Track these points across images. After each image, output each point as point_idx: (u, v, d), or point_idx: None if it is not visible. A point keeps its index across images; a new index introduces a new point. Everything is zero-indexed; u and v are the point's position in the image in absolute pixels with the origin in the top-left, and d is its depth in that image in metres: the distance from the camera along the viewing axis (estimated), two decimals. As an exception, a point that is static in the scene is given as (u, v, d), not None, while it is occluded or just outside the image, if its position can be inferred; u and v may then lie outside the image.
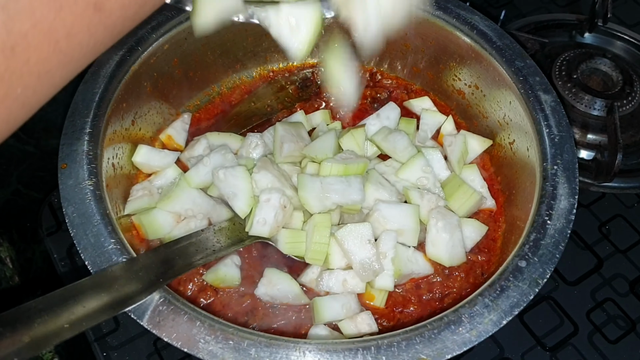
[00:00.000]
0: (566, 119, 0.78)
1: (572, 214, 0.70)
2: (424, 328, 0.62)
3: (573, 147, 0.76)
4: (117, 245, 0.66)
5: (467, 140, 0.90)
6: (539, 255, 0.67)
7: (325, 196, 0.77)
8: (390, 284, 0.75)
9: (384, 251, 0.76)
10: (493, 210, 0.87)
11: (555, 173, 0.73)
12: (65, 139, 0.74)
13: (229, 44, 0.95)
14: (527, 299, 0.64)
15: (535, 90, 0.80)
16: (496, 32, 0.86)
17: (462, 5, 0.89)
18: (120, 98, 0.81)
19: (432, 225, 0.79)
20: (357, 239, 0.75)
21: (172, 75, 0.91)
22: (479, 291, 0.65)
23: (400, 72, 1.02)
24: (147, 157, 0.86)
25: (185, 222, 0.80)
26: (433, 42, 0.93)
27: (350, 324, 0.73)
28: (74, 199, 0.69)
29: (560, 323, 0.87)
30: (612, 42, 1.16)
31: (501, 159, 0.90)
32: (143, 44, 0.83)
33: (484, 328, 0.62)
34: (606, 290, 0.91)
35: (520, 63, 0.83)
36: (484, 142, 0.91)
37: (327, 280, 0.76)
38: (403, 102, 0.99)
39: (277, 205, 0.76)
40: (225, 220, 0.80)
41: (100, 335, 0.83)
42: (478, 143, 0.91)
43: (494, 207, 0.87)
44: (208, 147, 0.88)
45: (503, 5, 1.26)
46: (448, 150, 0.89)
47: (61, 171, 0.71)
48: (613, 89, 1.05)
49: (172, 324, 0.61)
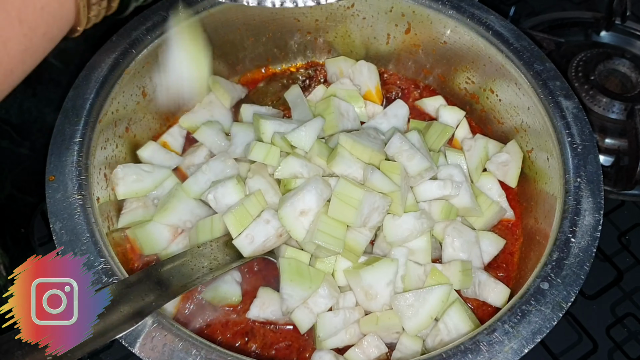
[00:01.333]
0: (589, 127, 0.74)
1: (597, 230, 0.66)
2: (438, 357, 0.58)
3: (597, 158, 0.72)
4: (107, 265, 0.63)
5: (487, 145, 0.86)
6: (563, 276, 0.63)
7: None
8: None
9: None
10: (511, 221, 0.83)
11: (578, 186, 0.69)
12: (54, 149, 0.70)
13: (229, 45, 0.92)
14: (551, 324, 0.60)
15: (556, 96, 0.76)
16: (513, 33, 0.82)
17: (477, 4, 0.86)
18: (114, 103, 0.77)
19: (448, 245, 0.75)
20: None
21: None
22: (497, 316, 0.61)
23: (410, 73, 0.98)
24: (152, 154, 0.84)
25: (183, 236, 0.77)
26: (445, 42, 0.89)
27: (357, 351, 0.69)
28: (62, 214, 0.65)
29: (578, 340, 0.83)
30: (631, 41, 1.11)
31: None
32: (137, 46, 0.79)
33: (504, 357, 0.58)
34: (627, 304, 0.87)
35: (540, 66, 0.79)
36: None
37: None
38: (415, 101, 0.95)
39: (272, 232, 0.72)
40: (224, 235, 0.75)
41: (94, 353, 0.79)
42: (497, 149, 0.87)
43: (512, 218, 0.83)
44: (209, 154, 0.84)
45: (514, 2, 1.22)
46: (466, 155, 0.84)
47: (49, 184, 0.68)
48: (632, 91, 1.00)
49: (166, 352, 0.58)
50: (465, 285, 0.72)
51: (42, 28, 0.46)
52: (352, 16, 0.92)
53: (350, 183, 0.70)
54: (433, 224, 0.76)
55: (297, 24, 0.93)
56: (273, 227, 0.72)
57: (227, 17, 0.88)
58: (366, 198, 0.69)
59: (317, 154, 0.76)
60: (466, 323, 0.68)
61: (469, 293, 0.75)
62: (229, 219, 0.71)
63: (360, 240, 0.73)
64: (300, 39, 0.95)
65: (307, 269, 0.71)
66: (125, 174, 0.77)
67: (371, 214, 0.71)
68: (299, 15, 0.92)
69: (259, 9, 0.87)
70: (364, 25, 0.93)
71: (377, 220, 0.72)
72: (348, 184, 0.70)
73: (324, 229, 0.70)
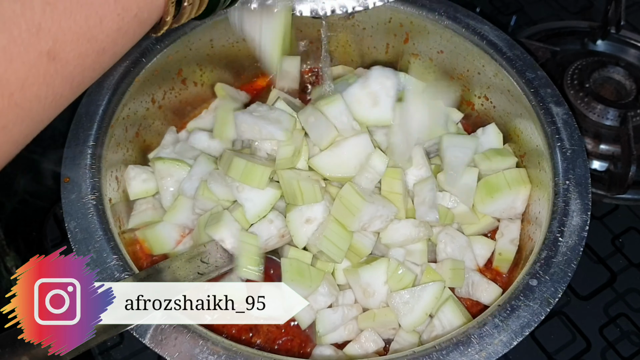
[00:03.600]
0: (578, 133, 0.76)
1: (584, 230, 0.68)
2: (432, 349, 0.60)
3: (586, 162, 0.74)
4: (120, 261, 0.65)
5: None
6: (551, 273, 0.65)
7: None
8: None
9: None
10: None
11: (567, 188, 0.71)
12: (68, 152, 0.73)
13: (234, 53, 0.94)
14: (539, 319, 0.62)
15: (547, 103, 0.78)
16: (506, 43, 0.85)
17: (472, 15, 0.88)
18: (124, 110, 0.80)
19: (442, 250, 0.77)
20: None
21: (176, 85, 0.90)
22: (488, 311, 0.63)
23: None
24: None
25: (190, 237, 0.79)
26: (442, 51, 0.91)
27: (356, 346, 0.72)
28: (76, 214, 0.68)
29: (572, 339, 0.85)
30: (626, 49, 1.13)
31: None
32: (147, 55, 0.82)
33: (494, 349, 0.60)
34: (620, 305, 0.89)
35: (531, 74, 0.81)
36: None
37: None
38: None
39: (275, 232, 0.74)
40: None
41: (104, 349, 0.82)
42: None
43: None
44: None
45: (513, 12, 1.25)
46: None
47: (64, 185, 0.70)
48: (626, 98, 1.02)
49: (174, 343, 0.60)
50: (456, 283, 0.74)
51: (134, 9, 0.46)
52: (352, 26, 0.94)
53: (355, 191, 0.72)
54: (431, 234, 0.77)
55: (299, 34, 0.96)
56: (276, 228, 0.74)
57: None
58: (367, 208, 0.71)
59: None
60: (459, 319, 0.70)
61: (463, 293, 0.77)
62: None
63: (366, 243, 0.74)
64: (302, 48, 0.98)
65: (308, 269, 0.73)
66: (136, 173, 0.81)
67: (372, 220, 0.72)
68: (302, 25, 0.94)
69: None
70: (364, 35, 0.95)
71: (379, 227, 0.74)
72: (352, 191, 0.71)
73: (330, 237, 0.72)
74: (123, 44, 0.48)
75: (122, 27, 0.45)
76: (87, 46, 0.43)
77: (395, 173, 0.76)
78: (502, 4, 1.27)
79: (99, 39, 0.44)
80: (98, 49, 0.44)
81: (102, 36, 0.44)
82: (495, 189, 0.79)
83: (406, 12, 0.89)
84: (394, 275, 0.73)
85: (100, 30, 0.44)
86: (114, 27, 0.45)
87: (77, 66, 0.44)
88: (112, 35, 0.45)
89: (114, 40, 0.46)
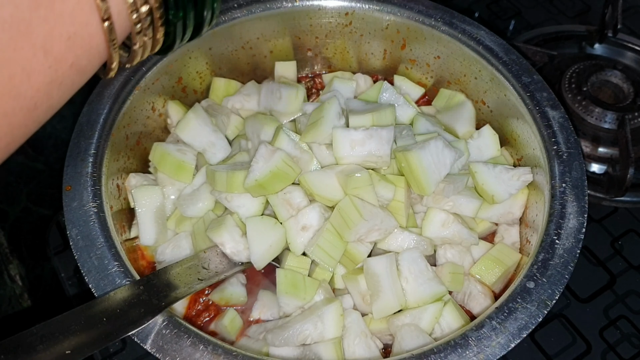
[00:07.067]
0: (574, 136, 0.77)
1: (581, 233, 0.69)
2: (430, 352, 0.60)
3: (582, 165, 0.74)
4: (121, 268, 0.66)
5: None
6: (548, 275, 0.65)
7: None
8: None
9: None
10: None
11: (563, 191, 0.72)
12: (70, 161, 0.74)
13: (235, 61, 0.95)
14: (536, 321, 0.62)
15: (543, 106, 0.79)
16: (502, 47, 0.85)
17: (468, 21, 0.89)
18: (125, 118, 0.81)
19: (441, 255, 0.78)
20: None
21: (176, 93, 0.91)
22: (486, 313, 0.64)
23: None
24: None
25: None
26: (439, 57, 0.92)
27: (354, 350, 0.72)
28: (78, 221, 0.69)
29: (572, 342, 0.85)
30: (623, 53, 1.14)
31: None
32: (147, 64, 0.83)
33: (492, 351, 0.60)
34: (619, 307, 0.89)
35: (527, 79, 0.82)
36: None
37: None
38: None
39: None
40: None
41: (107, 355, 0.83)
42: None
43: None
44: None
45: (511, 17, 1.25)
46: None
47: (65, 193, 0.71)
48: (624, 101, 1.03)
49: (175, 348, 0.61)
50: (455, 287, 0.74)
51: (69, 59, 0.43)
52: (350, 33, 0.95)
53: (353, 205, 0.71)
54: (431, 252, 0.77)
55: (298, 41, 0.97)
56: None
57: (232, 35, 0.91)
58: (362, 224, 0.70)
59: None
60: (458, 322, 0.71)
61: (458, 299, 0.77)
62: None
63: (362, 250, 0.74)
64: (300, 55, 0.99)
65: (303, 280, 0.73)
66: (137, 181, 0.82)
67: (370, 232, 0.72)
68: (299, 33, 0.95)
69: (262, 28, 0.92)
70: (361, 41, 0.96)
71: (377, 238, 0.74)
72: (351, 205, 0.71)
73: (323, 246, 0.72)
74: (60, 95, 0.45)
75: (56, 79, 0.43)
76: (12, 104, 0.41)
77: (399, 181, 0.76)
78: (499, 9, 1.28)
79: (28, 95, 0.42)
80: (28, 105, 0.42)
81: (32, 92, 0.42)
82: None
83: (403, 18, 0.90)
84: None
85: (28, 86, 0.41)
86: (45, 80, 0.42)
87: (3, 126, 0.41)
88: (43, 89, 0.43)
89: (47, 94, 0.43)
